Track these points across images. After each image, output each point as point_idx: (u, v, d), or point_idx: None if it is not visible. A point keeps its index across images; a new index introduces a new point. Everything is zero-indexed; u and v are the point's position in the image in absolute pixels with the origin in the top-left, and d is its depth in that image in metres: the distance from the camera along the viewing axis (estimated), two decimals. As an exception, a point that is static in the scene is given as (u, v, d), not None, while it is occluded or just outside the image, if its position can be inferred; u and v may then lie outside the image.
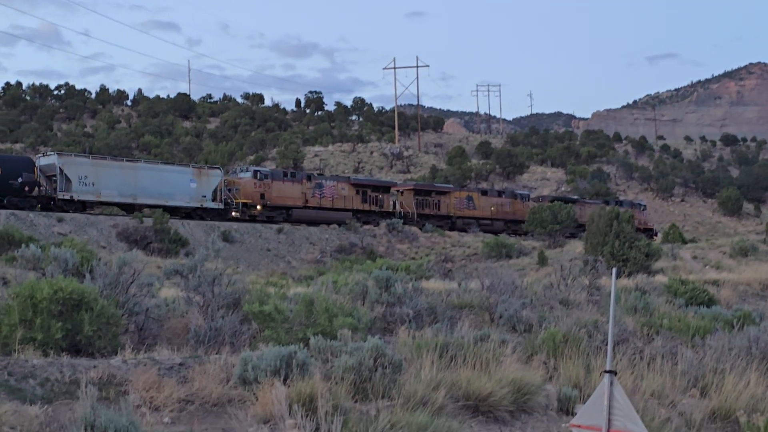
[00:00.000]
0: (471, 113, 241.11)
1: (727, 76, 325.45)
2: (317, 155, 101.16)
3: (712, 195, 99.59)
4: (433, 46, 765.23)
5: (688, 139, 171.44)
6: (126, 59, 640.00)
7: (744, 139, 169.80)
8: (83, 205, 45.12)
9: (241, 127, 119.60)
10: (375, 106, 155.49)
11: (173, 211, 46.87)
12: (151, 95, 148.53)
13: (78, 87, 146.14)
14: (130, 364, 9.38)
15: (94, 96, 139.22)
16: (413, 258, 47.29)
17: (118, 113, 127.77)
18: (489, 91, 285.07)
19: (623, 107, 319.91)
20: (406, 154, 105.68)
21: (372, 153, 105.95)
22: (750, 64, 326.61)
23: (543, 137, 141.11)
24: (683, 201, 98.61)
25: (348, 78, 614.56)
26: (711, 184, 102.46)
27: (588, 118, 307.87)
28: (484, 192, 66.83)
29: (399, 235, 54.63)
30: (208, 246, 14.38)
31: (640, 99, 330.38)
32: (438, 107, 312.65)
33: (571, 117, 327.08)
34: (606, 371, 7.34)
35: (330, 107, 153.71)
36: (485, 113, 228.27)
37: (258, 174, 53.06)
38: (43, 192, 44.78)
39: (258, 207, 52.01)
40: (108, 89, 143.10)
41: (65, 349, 9.90)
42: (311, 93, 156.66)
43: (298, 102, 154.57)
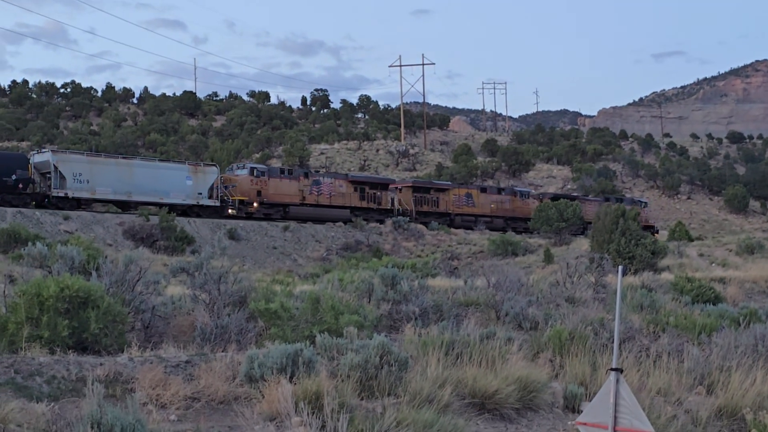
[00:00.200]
0: (477, 111, 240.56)
1: (734, 73, 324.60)
2: (323, 153, 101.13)
3: (718, 192, 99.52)
4: (439, 43, 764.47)
5: (694, 137, 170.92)
6: (132, 57, 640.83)
7: (750, 137, 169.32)
8: (78, 203, 44.49)
9: (247, 125, 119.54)
10: (381, 104, 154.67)
11: (169, 209, 46.20)
12: (157, 93, 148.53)
13: (84, 85, 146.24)
14: (136, 361, 9.41)
15: (100, 94, 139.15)
16: (419, 256, 47.26)
17: (124, 111, 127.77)
18: (495, 89, 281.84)
19: (629, 105, 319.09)
20: (412, 151, 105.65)
21: (378, 151, 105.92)
22: (756, 61, 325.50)
23: (549, 135, 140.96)
24: (689, 198, 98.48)
25: (354, 76, 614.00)
26: (717, 181, 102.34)
27: (594, 115, 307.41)
28: (483, 189, 66.47)
29: (405, 233, 54.60)
30: (214, 244, 14.39)
31: (646, 96, 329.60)
32: (444, 105, 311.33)
33: (577, 114, 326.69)
34: (612, 369, 7.34)
35: (336, 105, 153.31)
36: (491, 111, 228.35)
37: (255, 171, 52.61)
38: (38, 189, 44.23)
39: (254, 204, 51.71)
40: (114, 87, 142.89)
41: (72, 347, 9.92)
42: (317, 91, 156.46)
43: (304, 100, 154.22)
